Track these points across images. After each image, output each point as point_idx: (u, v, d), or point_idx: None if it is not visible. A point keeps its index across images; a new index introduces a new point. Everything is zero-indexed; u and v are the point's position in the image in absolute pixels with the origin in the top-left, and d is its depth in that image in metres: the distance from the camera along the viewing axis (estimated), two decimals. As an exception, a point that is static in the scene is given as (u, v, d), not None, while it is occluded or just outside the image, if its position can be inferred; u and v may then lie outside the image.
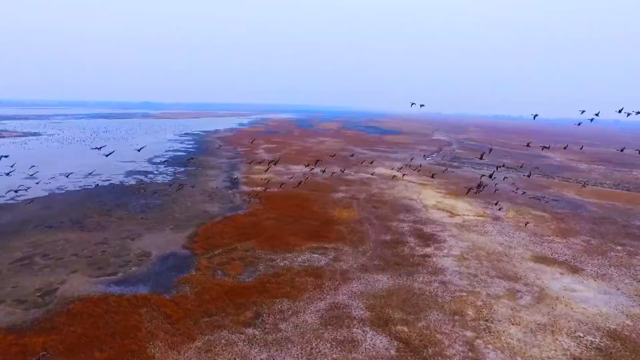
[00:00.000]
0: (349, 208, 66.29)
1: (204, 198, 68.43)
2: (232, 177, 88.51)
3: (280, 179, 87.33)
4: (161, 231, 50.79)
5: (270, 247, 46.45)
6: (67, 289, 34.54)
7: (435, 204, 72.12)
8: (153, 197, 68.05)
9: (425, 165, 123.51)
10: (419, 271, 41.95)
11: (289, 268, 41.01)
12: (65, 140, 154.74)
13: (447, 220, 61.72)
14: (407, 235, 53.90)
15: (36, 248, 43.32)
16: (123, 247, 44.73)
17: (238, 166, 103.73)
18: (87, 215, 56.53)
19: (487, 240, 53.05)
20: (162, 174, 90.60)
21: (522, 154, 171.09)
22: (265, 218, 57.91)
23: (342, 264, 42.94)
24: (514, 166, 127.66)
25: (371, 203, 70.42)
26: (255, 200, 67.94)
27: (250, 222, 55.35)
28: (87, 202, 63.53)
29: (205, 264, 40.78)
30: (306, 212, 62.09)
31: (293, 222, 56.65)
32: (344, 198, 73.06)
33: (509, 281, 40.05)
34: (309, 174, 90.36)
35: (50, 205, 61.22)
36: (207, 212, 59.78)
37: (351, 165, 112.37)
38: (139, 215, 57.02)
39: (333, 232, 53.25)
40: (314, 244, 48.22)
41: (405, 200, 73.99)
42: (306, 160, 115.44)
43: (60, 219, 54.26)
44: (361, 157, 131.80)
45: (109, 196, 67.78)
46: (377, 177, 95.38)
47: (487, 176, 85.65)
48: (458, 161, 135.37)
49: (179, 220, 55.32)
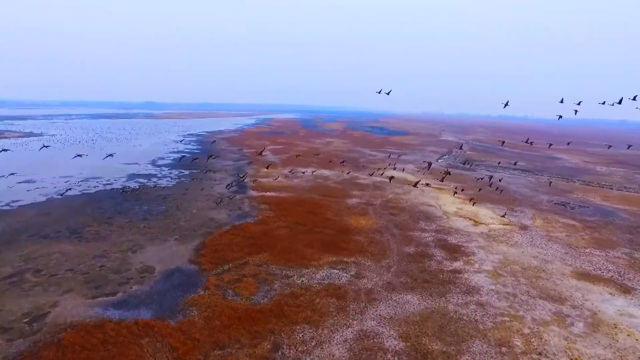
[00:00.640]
0: (365, 215, 62.05)
1: (210, 204, 64.37)
2: (239, 180, 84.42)
3: (290, 183, 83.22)
4: (165, 242, 46.72)
5: (284, 261, 42.28)
6: (59, 313, 30.48)
7: (456, 210, 67.73)
8: (156, 202, 64.11)
9: (437, 167, 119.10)
10: (452, 290, 37.66)
11: (307, 287, 36.82)
12: (67, 141, 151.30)
13: (472, 230, 57.35)
14: (431, 246, 49.60)
15: (28, 262, 39.34)
16: (123, 261, 40.68)
17: (245, 169, 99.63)
18: (86, 223, 52.57)
19: (519, 252, 48.64)
20: (166, 177, 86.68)
21: (534, 155, 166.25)
22: (277, 227, 53.76)
23: (365, 282, 38.72)
24: (531, 169, 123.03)
25: (388, 210, 66.13)
26: (265, 207, 63.79)
27: (261, 232, 51.19)
28: (87, 208, 59.63)
29: (214, 282, 36.65)
30: (320, 219, 57.89)
31: (307, 231, 52.46)
32: (359, 204, 68.80)
33: (554, 303, 35.67)
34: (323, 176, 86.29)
35: (47, 211, 57.32)
36: (214, 220, 55.69)
37: (362, 168, 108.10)
38: (141, 224, 53.01)
39: (351, 243, 49.02)
40: (333, 258, 44.01)
41: (423, 206, 69.63)
42: (315, 163, 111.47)
43: (57, 227, 50.31)
44: (371, 160, 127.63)
45: (110, 202, 63.86)
46: (390, 181, 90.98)
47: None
48: (472, 164, 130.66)
49: (184, 230, 51.26)
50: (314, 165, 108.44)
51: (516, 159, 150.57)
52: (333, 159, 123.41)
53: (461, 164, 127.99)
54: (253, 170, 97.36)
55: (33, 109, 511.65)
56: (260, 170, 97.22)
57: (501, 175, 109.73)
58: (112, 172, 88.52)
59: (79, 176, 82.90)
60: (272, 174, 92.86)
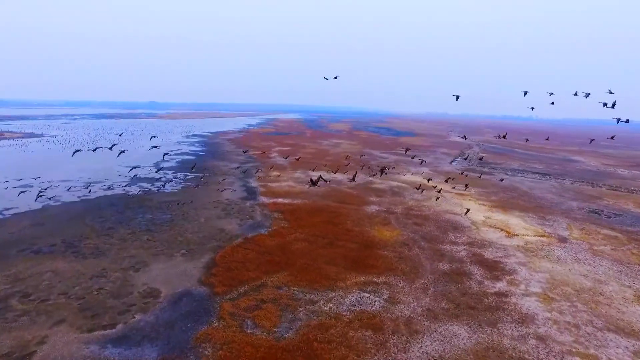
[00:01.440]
0: (387, 225, 56.94)
1: (218, 212, 59.41)
2: (248, 185, 79.49)
3: (302, 188, 78.19)
4: (171, 258, 41.76)
5: (307, 282, 37.24)
6: (47, 353, 25.55)
7: (484, 219, 62.52)
8: (160, 210, 59.23)
9: (452, 171, 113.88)
10: (502, 319, 32.51)
11: (337, 315, 31.76)
12: (67, 143, 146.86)
13: (507, 242, 52.13)
14: (467, 263, 44.44)
15: (16, 284, 34.46)
16: (125, 282, 35.75)
17: (253, 172, 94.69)
18: (84, 235, 47.70)
19: (565, 270, 43.40)
20: (170, 181, 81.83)
21: (550, 157, 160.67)
22: (294, 239, 48.72)
23: (402, 308, 33.62)
24: (551, 172, 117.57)
25: (411, 218, 61.00)
26: (278, 215, 58.79)
27: (276, 246, 46.17)
28: (86, 217, 54.79)
29: (229, 309, 31.64)
30: (340, 230, 52.82)
31: (327, 245, 47.40)
32: (379, 212, 63.68)
33: (629, 338, 30.43)
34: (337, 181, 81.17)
35: (42, 221, 52.51)
36: (224, 232, 50.71)
37: (376, 171, 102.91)
38: (144, 235, 48.09)
39: (378, 259, 43.93)
40: (361, 277, 38.95)
41: (448, 214, 64.45)
42: (325, 165, 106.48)
43: (52, 240, 45.45)
44: (383, 162, 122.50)
45: (111, 209, 59.02)
46: (407, 186, 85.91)
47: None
48: (488, 166, 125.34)
49: (191, 243, 46.29)
50: (325, 168, 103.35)
51: (532, 161, 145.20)
52: (342, 160, 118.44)
53: (477, 167, 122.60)
54: (261, 174, 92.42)
55: (35, 109, 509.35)
56: (269, 173, 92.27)
57: (521, 179, 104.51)
58: (114, 176, 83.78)
59: (78, 180, 78.19)
60: (281, 178, 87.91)
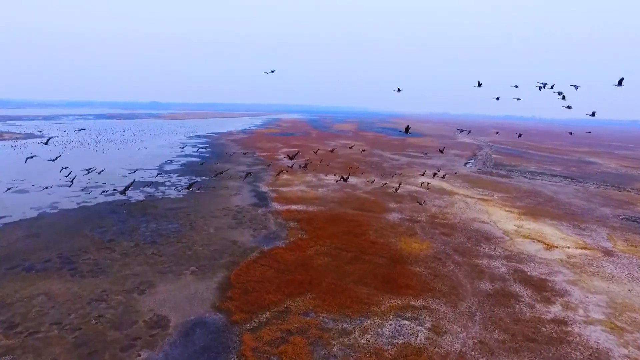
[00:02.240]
0: (414, 236, 52.10)
1: (229, 221, 54.68)
2: (258, 189, 74.73)
3: (315, 193, 73.42)
4: (180, 277, 37.04)
5: (337, 306, 32.46)
6: (34, 407, 20.85)
7: (516, 229, 57.62)
8: (165, 219, 54.56)
9: (469, 174, 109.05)
10: (572, 356, 27.65)
11: (377, 350, 26.98)
12: (68, 144, 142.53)
13: (547, 256, 47.22)
14: (510, 281, 39.58)
15: (1, 311, 29.76)
16: (128, 308, 31.04)
17: (261, 175, 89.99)
18: (82, 247, 43.04)
19: (625, 291, 38.47)
20: (175, 185, 77.17)
21: (566, 159, 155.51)
22: (315, 253, 43.95)
23: (450, 340, 28.80)
24: (572, 175, 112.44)
25: (437, 228, 56.16)
26: (294, 224, 54.02)
27: (297, 261, 41.40)
28: (84, 227, 50.15)
29: (251, 344, 26.88)
30: (364, 242, 48.01)
31: (353, 259, 42.61)
32: (402, 221, 58.85)
33: None
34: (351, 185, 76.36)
35: (36, 231, 47.87)
36: (237, 244, 45.96)
37: (390, 175, 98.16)
38: (149, 249, 43.39)
39: (412, 277, 39.12)
40: (396, 300, 34.16)
41: (476, 223, 59.58)
42: (337, 168, 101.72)
43: (46, 254, 40.81)
44: (395, 165, 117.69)
45: (112, 218, 54.36)
46: (425, 190, 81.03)
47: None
48: (504, 169, 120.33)
49: (201, 258, 41.56)
50: (337, 171, 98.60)
51: (548, 163, 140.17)
52: (354, 163, 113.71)
53: (494, 170, 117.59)
54: (271, 177, 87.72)
55: (36, 109, 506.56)
56: (279, 177, 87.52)
57: (542, 183, 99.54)
58: (115, 180, 79.15)
59: (77, 184, 73.57)
60: (293, 182, 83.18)
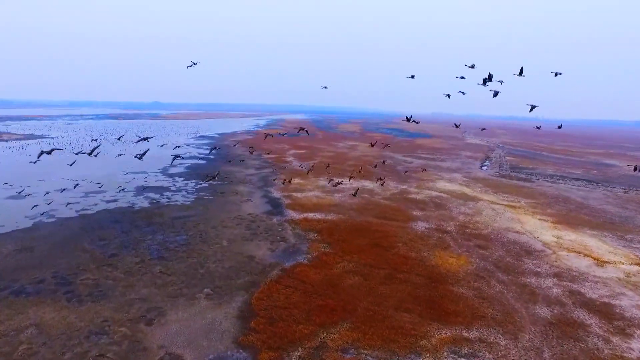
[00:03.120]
0: (447, 249, 47.10)
1: (242, 232, 49.78)
2: (270, 195, 69.83)
3: (332, 199, 68.47)
4: (193, 302, 32.14)
5: (380, 340, 27.54)
6: None
7: (555, 240, 52.59)
8: (173, 229, 49.70)
9: (488, 177, 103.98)
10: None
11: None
12: (68, 145, 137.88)
13: (601, 273, 42.18)
14: (569, 305, 34.58)
15: (-16, 349, 24.95)
16: (134, 344, 26.17)
17: (272, 179, 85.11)
18: (81, 264, 38.21)
19: (703, 317, 33.39)
20: (181, 190, 72.32)
21: (581, 161, 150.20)
22: (343, 271, 39.01)
23: (522, 388, 23.79)
24: (595, 179, 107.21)
25: (470, 239, 51.15)
26: (315, 236, 49.09)
27: (324, 281, 36.48)
28: (84, 239, 45.33)
29: (284, 396, 21.94)
30: (394, 257, 43.05)
31: (387, 278, 37.67)
32: (430, 231, 53.86)
33: None
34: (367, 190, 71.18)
35: (30, 244, 43.07)
36: (255, 260, 41.07)
37: (406, 178, 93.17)
38: (156, 266, 38.52)
39: (457, 300, 34.16)
40: (446, 331, 29.21)
41: (511, 233, 54.55)
42: (349, 171, 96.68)
43: (40, 273, 36.00)
44: (409, 167, 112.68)
45: (114, 228, 49.52)
46: (448, 196, 76.03)
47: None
48: (522, 172, 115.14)
49: (216, 277, 36.67)
50: (350, 174, 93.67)
51: (566, 165, 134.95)
52: (366, 165, 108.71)
53: (512, 173, 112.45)
54: (282, 181, 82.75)
55: (37, 109, 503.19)
56: (290, 181, 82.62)
57: (566, 187, 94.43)
58: (117, 185, 74.30)
59: (77, 189, 68.82)
60: (306, 187, 78.27)
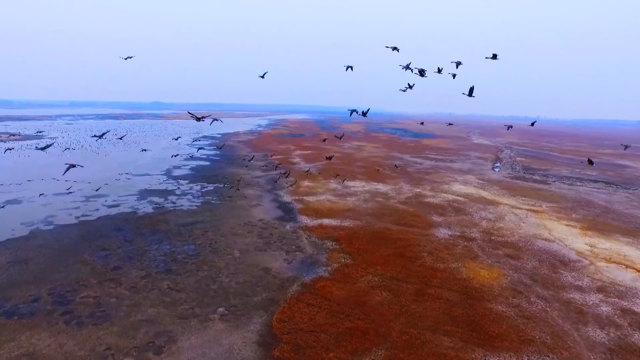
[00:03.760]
0: (475, 259, 43.60)
1: (255, 241, 46.30)
2: (280, 199, 66.31)
3: (345, 203, 64.95)
4: (206, 324, 28.66)
5: (422, 374, 24.03)
6: None
7: (589, 249, 49.05)
8: (180, 237, 46.23)
9: (502, 179, 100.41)
10: None
11: None
12: (68, 146, 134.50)
13: (648, 287, 38.62)
14: (625, 327, 31.09)
15: (-33, 387, 21.53)
16: (141, 378, 22.69)
17: (280, 182, 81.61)
18: (81, 280, 34.77)
19: None
20: (186, 194, 68.85)
21: (595, 161, 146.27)
22: (368, 286, 35.52)
23: None
24: (614, 181, 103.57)
25: (499, 248, 47.63)
26: (333, 244, 45.61)
27: (349, 298, 32.99)
28: (84, 249, 41.90)
29: None
30: (422, 269, 39.54)
31: (417, 295, 34.16)
32: (454, 238, 50.36)
33: None
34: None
35: (25, 256, 39.61)
36: (271, 273, 37.59)
37: (419, 181, 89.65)
38: (163, 280, 35.05)
39: (498, 320, 30.64)
40: (493, 359, 25.73)
41: (539, 241, 51.01)
42: (360, 173, 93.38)
43: (35, 290, 32.55)
44: (420, 169, 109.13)
45: (116, 237, 46.06)
46: (465, 199, 72.52)
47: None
48: (536, 173, 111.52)
49: (230, 293, 33.20)
50: (361, 176, 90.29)
51: (579, 167, 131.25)
52: (376, 167, 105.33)
53: (526, 175, 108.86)
54: (290, 184, 79.31)
55: (38, 109, 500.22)
56: (299, 183, 79.23)
57: (585, 189, 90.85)
58: (119, 189, 70.86)
59: (77, 193, 65.39)
60: (317, 190, 74.75)
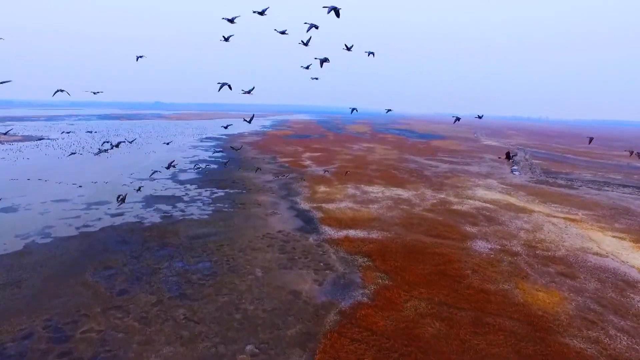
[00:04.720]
0: (527, 279, 38.57)
1: (277, 256, 41.32)
2: (298, 207, 61.33)
3: (369, 211, 59.95)
4: (234, 369, 23.67)
5: None
6: None
7: (648, 265, 43.96)
8: (193, 252, 41.29)
9: (525, 183, 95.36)
10: None
11: None
12: (69, 147, 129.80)
13: None
14: None
15: None
16: None
17: (294, 187, 76.63)
18: (82, 307, 29.81)
19: None
20: (196, 200, 63.89)
21: (613, 165, 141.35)
22: (416, 314, 30.49)
23: None
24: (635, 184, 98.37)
25: (548, 264, 42.57)
26: (365, 261, 40.62)
27: (399, 331, 27.97)
28: (86, 267, 36.97)
29: None
30: (472, 292, 34.50)
31: (475, 325, 29.13)
32: (495, 253, 45.31)
33: None
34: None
35: (18, 277, 34.66)
36: (301, 298, 32.58)
37: (440, 185, 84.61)
38: (178, 308, 30.07)
39: (581, 362, 25.62)
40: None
41: (591, 256, 45.93)
42: (376, 177, 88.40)
43: (27, 321, 27.61)
44: (437, 172, 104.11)
45: (121, 252, 41.13)
46: (495, 207, 67.48)
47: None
48: (559, 177, 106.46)
49: (258, 325, 28.18)
50: (378, 180, 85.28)
51: (601, 170, 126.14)
52: (391, 170, 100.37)
53: (549, 179, 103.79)
54: (305, 189, 74.38)
55: (39, 110, 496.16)
56: (315, 188, 74.25)
57: (616, 195, 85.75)
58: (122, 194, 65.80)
59: (77, 200, 60.47)
60: (335, 196, 69.77)
